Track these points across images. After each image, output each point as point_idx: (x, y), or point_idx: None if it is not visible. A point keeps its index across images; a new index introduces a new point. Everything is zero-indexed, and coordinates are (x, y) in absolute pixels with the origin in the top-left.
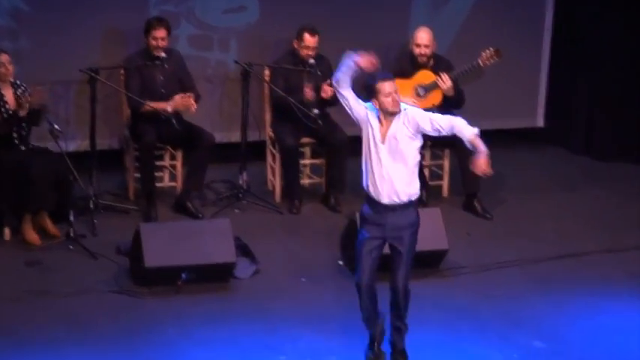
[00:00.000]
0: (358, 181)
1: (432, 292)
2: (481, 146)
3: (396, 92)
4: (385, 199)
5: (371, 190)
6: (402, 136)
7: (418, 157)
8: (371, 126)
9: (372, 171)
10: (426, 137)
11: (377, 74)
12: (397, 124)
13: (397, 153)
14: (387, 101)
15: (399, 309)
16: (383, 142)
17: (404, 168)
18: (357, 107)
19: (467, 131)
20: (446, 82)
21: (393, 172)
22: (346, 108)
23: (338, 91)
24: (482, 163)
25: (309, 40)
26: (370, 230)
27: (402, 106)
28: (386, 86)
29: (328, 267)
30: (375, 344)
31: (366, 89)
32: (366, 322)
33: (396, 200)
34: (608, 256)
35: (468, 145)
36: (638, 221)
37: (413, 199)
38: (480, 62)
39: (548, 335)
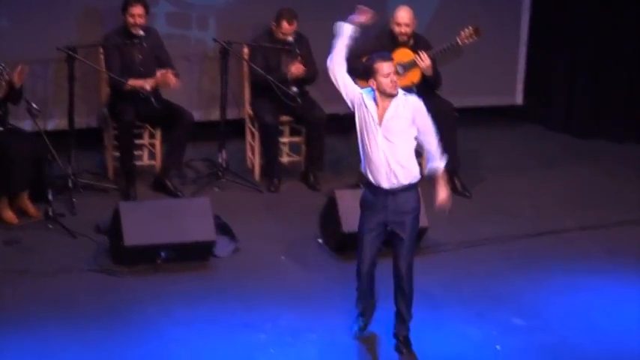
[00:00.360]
0: (337, 159)
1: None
2: (444, 188)
3: (394, 74)
4: (385, 184)
5: (370, 174)
6: (398, 119)
7: (415, 142)
8: (366, 108)
9: (370, 155)
10: None
11: (376, 54)
12: (394, 107)
13: (394, 135)
14: (386, 82)
15: (403, 295)
16: (380, 124)
17: (401, 150)
18: (352, 89)
19: (439, 160)
20: (424, 60)
21: (390, 154)
22: (340, 89)
23: (333, 72)
24: (446, 198)
25: (287, 27)
26: (372, 216)
27: (402, 92)
28: (385, 66)
29: (308, 245)
30: (364, 323)
31: (364, 69)
32: (358, 302)
33: (395, 184)
34: (587, 233)
35: (430, 170)
36: (617, 198)
37: (413, 182)
38: (459, 41)
39: (527, 312)
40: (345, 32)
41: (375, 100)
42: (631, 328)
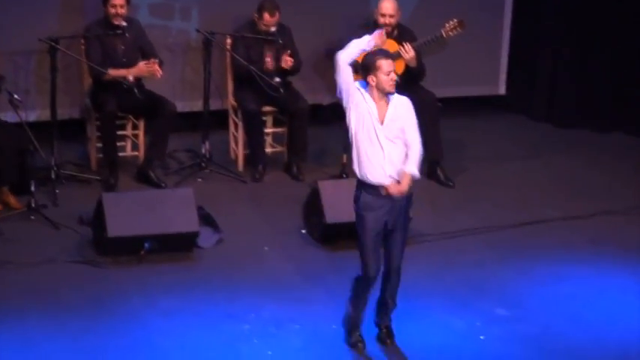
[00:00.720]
0: (320, 150)
1: None
2: (406, 183)
3: (394, 72)
4: (388, 182)
5: (368, 175)
6: (398, 119)
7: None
8: (369, 108)
9: (369, 155)
10: None
11: (377, 51)
12: (393, 107)
13: (394, 136)
14: (386, 80)
15: (392, 287)
16: (382, 123)
17: (400, 150)
18: (354, 89)
19: (415, 166)
20: (408, 52)
21: (392, 154)
22: (342, 86)
23: (341, 69)
24: (399, 189)
25: (269, 19)
26: (374, 218)
27: (400, 96)
28: (387, 64)
29: (291, 236)
30: (358, 330)
31: (362, 66)
32: (355, 308)
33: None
34: (570, 223)
35: (402, 171)
36: (600, 188)
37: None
38: (443, 33)
39: (510, 302)
40: (359, 50)
41: (372, 98)
42: (614, 318)
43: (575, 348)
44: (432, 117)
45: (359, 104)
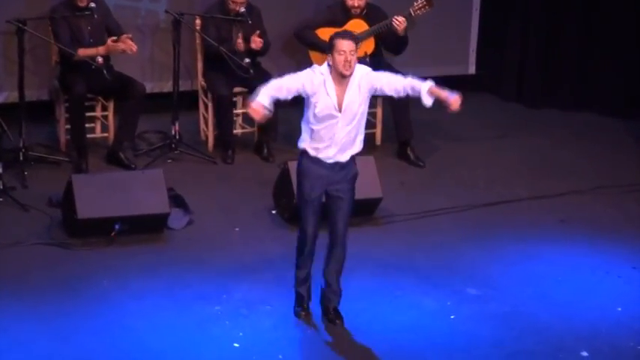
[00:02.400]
0: (290, 131)
1: (366, 240)
2: (446, 92)
3: (351, 53)
4: (332, 160)
5: (315, 153)
6: (357, 100)
7: (366, 114)
8: (327, 94)
9: (321, 134)
10: None
11: (342, 31)
12: (353, 90)
13: (353, 118)
14: (339, 59)
15: (336, 261)
16: (340, 110)
17: (355, 129)
18: (297, 86)
19: (425, 85)
20: (402, 23)
21: (345, 136)
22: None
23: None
24: (457, 101)
25: (238, 0)
26: (313, 185)
27: (362, 70)
28: (341, 44)
29: (262, 216)
30: (306, 303)
31: (328, 44)
32: (299, 280)
33: (342, 160)
34: (540, 203)
35: (428, 99)
36: (569, 167)
37: (356, 153)
38: (412, 12)
39: (481, 282)
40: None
41: (332, 81)
42: (583, 297)
43: (545, 327)
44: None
45: (316, 94)
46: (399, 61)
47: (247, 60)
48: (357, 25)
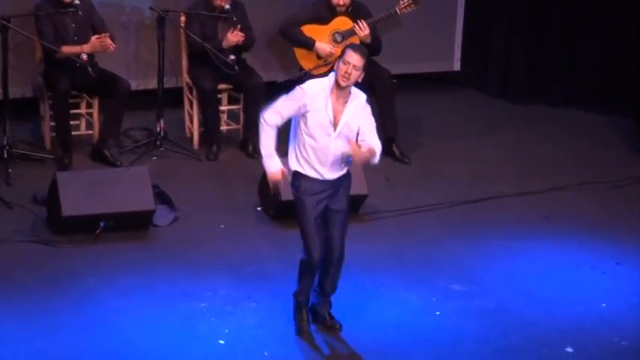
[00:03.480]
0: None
1: (352, 237)
2: (366, 151)
3: (354, 68)
4: (328, 175)
5: (307, 167)
6: (352, 123)
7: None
8: (325, 111)
9: (314, 151)
10: None
11: (354, 44)
12: (351, 109)
13: (347, 136)
14: (342, 68)
15: (335, 271)
16: (335, 129)
17: (345, 146)
18: (297, 111)
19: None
20: (363, 29)
21: (338, 151)
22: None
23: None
24: (363, 155)
25: None
26: (312, 200)
27: (362, 99)
28: (350, 55)
29: (247, 213)
30: (305, 311)
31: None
32: (301, 293)
33: (338, 174)
34: (525, 198)
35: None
36: (554, 163)
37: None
38: (398, 10)
39: (466, 278)
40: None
41: (331, 96)
42: (568, 293)
43: (530, 323)
44: (387, 93)
45: (313, 111)
46: (384, 57)
47: (232, 57)
48: (342, 23)
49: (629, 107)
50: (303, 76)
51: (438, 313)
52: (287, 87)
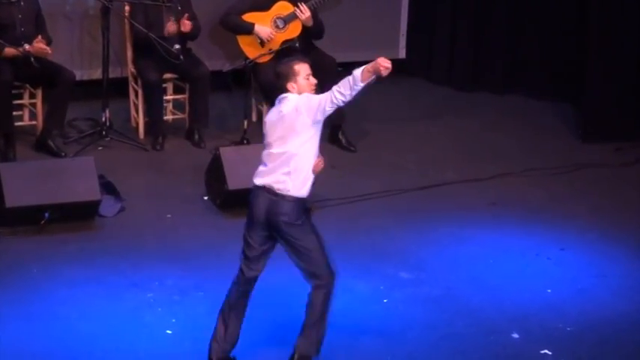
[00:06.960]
0: (221, 116)
1: None
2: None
3: (311, 73)
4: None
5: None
6: None
7: None
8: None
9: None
10: None
11: (291, 58)
12: None
13: None
14: (307, 84)
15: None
16: None
17: None
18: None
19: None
20: (304, 12)
21: None
22: (326, 114)
23: (335, 104)
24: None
25: None
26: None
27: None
28: (304, 68)
29: (194, 203)
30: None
31: (279, 75)
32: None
33: None
34: (470, 185)
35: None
36: (499, 150)
37: None
38: None
39: (413, 266)
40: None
41: None
42: (514, 279)
43: (477, 309)
44: (332, 81)
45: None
46: (328, 45)
47: (177, 46)
48: (283, 7)
49: (569, 93)
50: (248, 65)
51: (385, 300)
52: (232, 76)
